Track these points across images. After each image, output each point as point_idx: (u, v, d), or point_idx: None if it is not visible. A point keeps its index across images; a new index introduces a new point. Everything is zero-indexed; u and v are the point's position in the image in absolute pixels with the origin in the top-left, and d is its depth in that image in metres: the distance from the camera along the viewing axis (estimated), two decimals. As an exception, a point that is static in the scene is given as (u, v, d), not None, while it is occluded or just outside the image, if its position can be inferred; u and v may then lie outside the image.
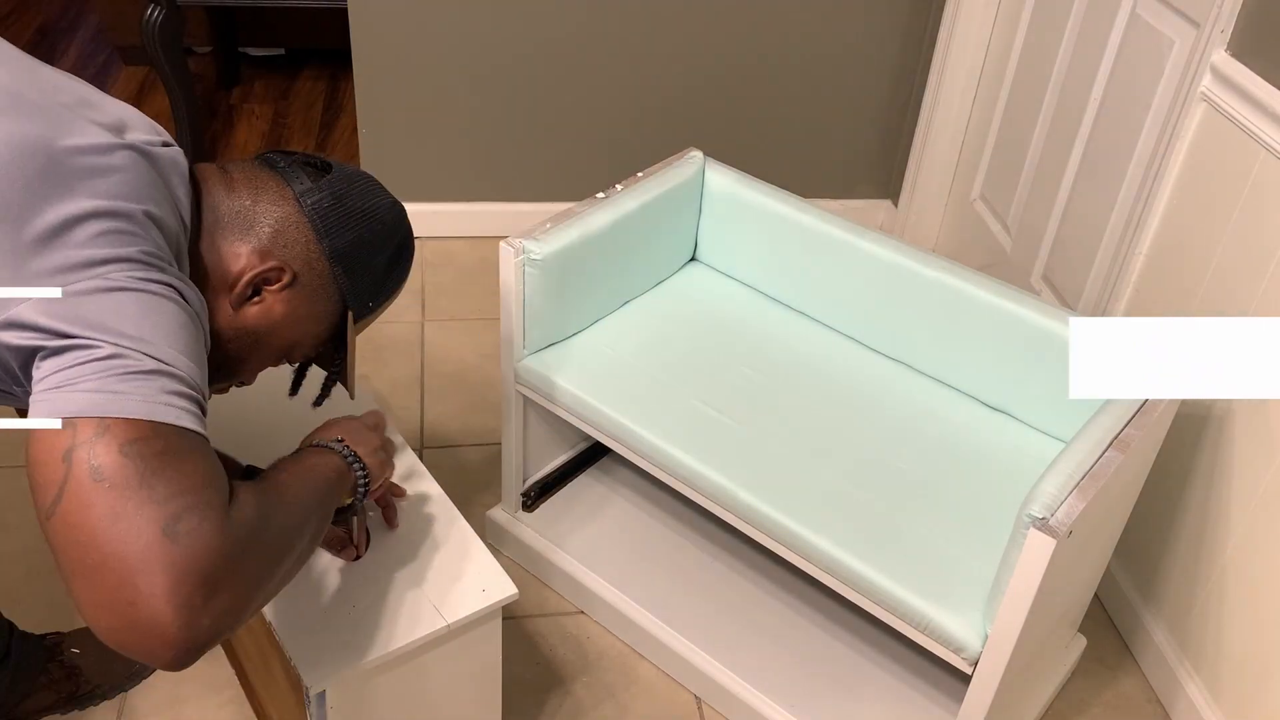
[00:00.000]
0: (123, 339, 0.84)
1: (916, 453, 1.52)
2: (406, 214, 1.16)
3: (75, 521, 0.80)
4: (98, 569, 0.80)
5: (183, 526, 0.81)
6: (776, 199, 1.73)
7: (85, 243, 0.86)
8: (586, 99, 2.53)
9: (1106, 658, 1.76)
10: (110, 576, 0.79)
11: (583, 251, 1.59)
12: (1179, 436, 1.64)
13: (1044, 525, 1.15)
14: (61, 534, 0.81)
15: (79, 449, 0.81)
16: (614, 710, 1.61)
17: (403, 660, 1.20)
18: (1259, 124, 1.48)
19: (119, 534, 0.80)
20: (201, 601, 0.81)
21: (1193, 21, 1.63)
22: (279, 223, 1.04)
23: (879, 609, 1.34)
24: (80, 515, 0.80)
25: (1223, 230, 1.56)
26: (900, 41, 2.56)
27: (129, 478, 0.81)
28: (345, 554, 1.26)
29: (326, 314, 1.10)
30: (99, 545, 0.80)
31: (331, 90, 3.37)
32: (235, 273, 1.02)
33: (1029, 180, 2.22)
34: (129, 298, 0.86)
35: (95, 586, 0.80)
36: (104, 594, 0.80)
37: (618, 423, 1.53)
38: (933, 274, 1.59)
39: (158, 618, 0.79)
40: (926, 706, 1.56)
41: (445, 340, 2.34)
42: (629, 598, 1.69)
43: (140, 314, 0.86)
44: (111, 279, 0.86)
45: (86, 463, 0.81)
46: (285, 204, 1.05)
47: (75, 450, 0.81)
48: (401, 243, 1.15)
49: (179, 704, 1.56)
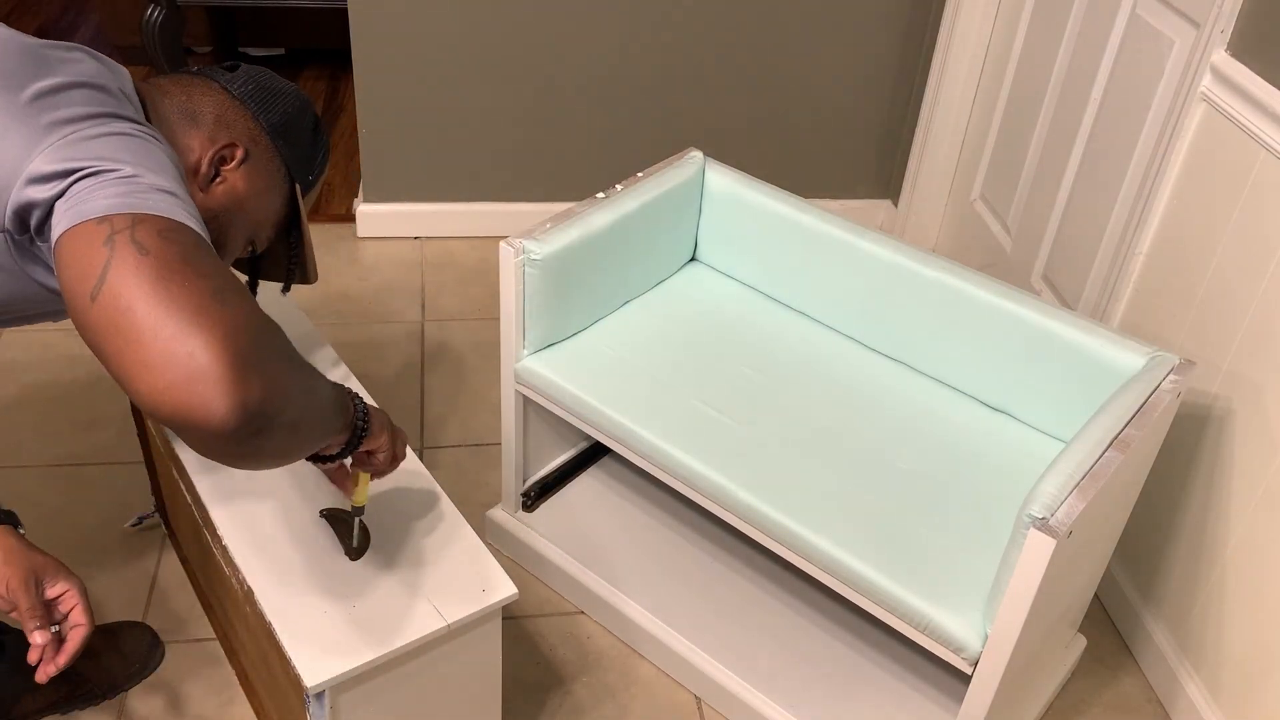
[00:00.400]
0: (138, 168, 0.93)
1: (916, 453, 1.52)
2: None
3: (125, 290, 0.84)
4: (153, 331, 0.82)
5: (228, 296, 0.87)
6: (776, 199, 1.73)
7: (80, 102, 0.97)
8: (587, 99, 2.53)
9: (1106, 658, 1.76)
10: (165, 334, 0.82)
11: (583, 251, 1.59)
12: (1179, 436, 1.64)
13: (1044, 525, 1.15)
14: (109, 309, 0.84)
15: (119, 234, 0.87)
16: (614, 710, 1.61)
17: (403, 660, 1.20)
18: (1259, 124, 1.48)
19: (172, 295, 0.84)
20: (254, 359, 0.84)
21: (1193, 21, 1.63)
22: (218, 109, 1.16)
23: (879, 609, 1.34)
24: (131, 285, 0.84)
25: (1223, 230, 1.56)
26: (900, 42, 2.56)
27: (171, 256, 0.87)
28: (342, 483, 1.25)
29: (279, 187, 1.22)
30: (152, 307, 0.83)
31: (331, 90, 3.37)
32: (195, 159, 1.13)
33: (1029, 180, 2.22)
34: (131, 140, 0.96)
35: (149, 348, 0.82)
36: (159, 353, 0.82)
37: (618, 423, 1.53)
38: (933, 274, 1.59)
39: (215, 367, 0.82)
40: (926, 706, 1.56)
41: (445, 340, 2.34)
42: (629, 598, 1.69)
43: (143, 153, 0.95)
44: (112, 126, 0.96)
45: (130, 242, 0.86)
46: (217, 94, 1.17)
47: (116, 235, 0.86)
48: (314, 114, 1.29)
49: (179, 704, 1.56)
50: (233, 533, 1.29)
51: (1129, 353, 1.44)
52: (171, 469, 1.50)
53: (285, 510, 1.32)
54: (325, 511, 1.30)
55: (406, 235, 2.67)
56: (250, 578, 1.24)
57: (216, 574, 1.44)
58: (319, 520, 1.31)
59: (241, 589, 1.27)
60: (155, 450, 1.64)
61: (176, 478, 1.48)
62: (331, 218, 2.72)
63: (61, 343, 2.22)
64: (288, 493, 1.34)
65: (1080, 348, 1.47)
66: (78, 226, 0.88)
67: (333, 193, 2.83)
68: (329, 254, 2.58)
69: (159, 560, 1.77)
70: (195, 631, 1.66)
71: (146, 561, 1.77)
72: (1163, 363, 1.41)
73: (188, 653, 1.63)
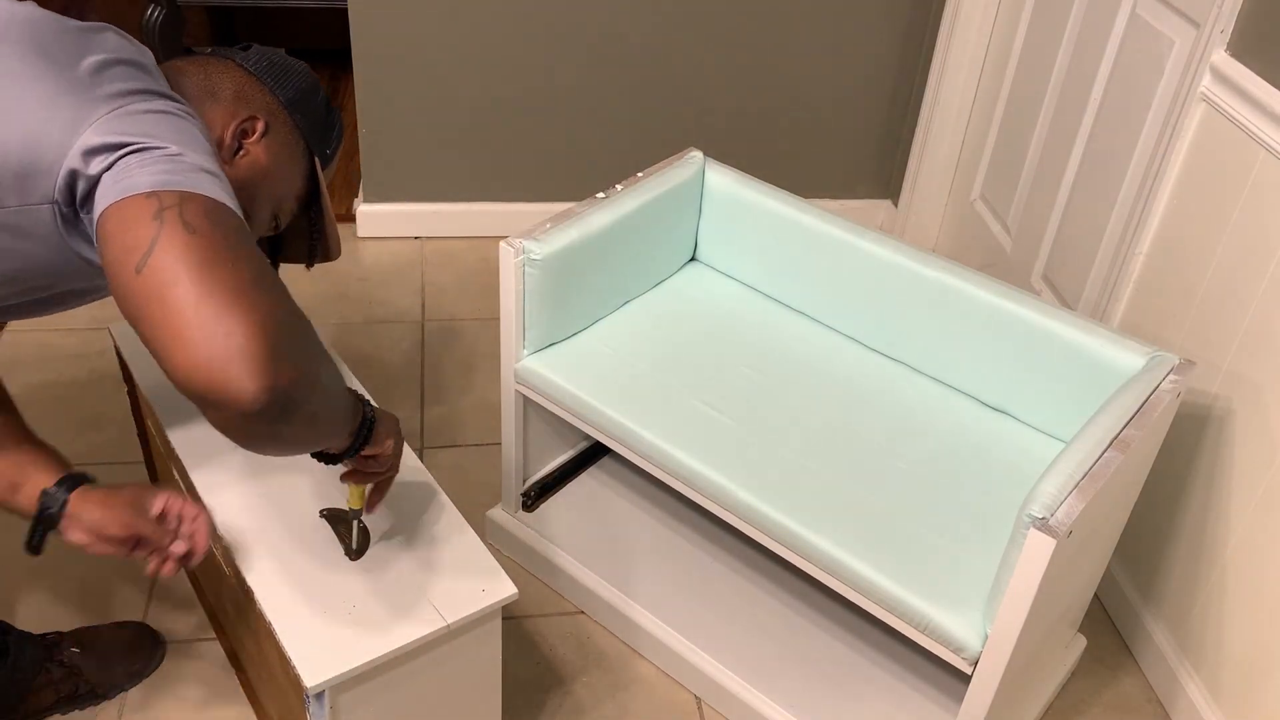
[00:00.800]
0: (182, 147, 0.95)
1: (916, 452, 1.52)
2: None
3: (171, 266, 0.87)
4: (193, 308, 0.85)
5: (267, 284, 0.90)
6: (776, 199, 1.73)
7: (124, 77, 1.00)
8: (587, 99, 2.53)
9: (1106, 658, 1.76)
10: (205, 312, 0.85)
11: (583, 251, 1.59)
12: (1179, 436, 1.64)
13: (1044, 525, 1.15)
14: (154, 282, 0.87)
15: (168, 210, 0.89)
16: (614, 710, 1.61)
17: (403, 660, 1.20)
18: (1259, 124, 1.48)
19: (216, 276, 0.87)
20: (286, 347, 0.88)
21: (1193, 21, 1.63)
22: (236, 85, 1.17)
23: (879, 609, 1.34)
24: (178, 261, 0.87)
25: (1223, 230, 1.56)
26: (900, 41, 2.56)
27: (217, 238, 0.90)
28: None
29: (299, 160, 1.23)
30: (197, 284, 0.86)
31: (331, 90, 3.37)
32: (218, 133, 1.13)
33: (1029, 180, 2.22)
34: (174, 120, 0.99)
35: (189, 324, 0.85)
36: (198, 329, 0.85)
37: (618, 423, 1.53)
38: (933, 274, 1.59)
39: (250, 349, 0.85)
40: (926, 706, 1.56)
41: (445, 340, 2.34)
42: (629, 597, 1.69)
43: (186, 132, 0.98)
44: (155, 104, 0.99)
45: (179, 219, 0.89)
46: (234, 71, 1.18)
47: (165, 211, 0.89)
48: (323, 90, 1.30)
49: (179, 704, 1.56)
50: (233, 532, 1.29)
51: (1129, 353, 1.44)
52: (171, 469, 1.50)
53: (285, 510, 1.32)
54: (325, 511, 1.30)
55: (406, 235, 2.67)
56: (250, 577, 1.24)
57: (216, 574, 1.44)
58: (319, 520, 1.31)
59: (241, 589, 1.27)
60: (155, 450, 1.64)
61: (177, 478, 1.48)
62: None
63: (61, 343, 2.22)
64: (288, 493, 1.34)
65: (1080, 348, 1.47)
66: (126, 200, 0.90)
67: (333, 193, 2.83)
68: (329, 254, 2.58)
69: (159, 560, 1.77)
70: (195, 631, 1.66)
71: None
72: (1163, 363, 1.41)
73: (188, 653, 1.63)
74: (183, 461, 1.39)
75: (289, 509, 1.32)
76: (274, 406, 0.87)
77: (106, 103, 0.96)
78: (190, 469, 1.37)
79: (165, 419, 1.44)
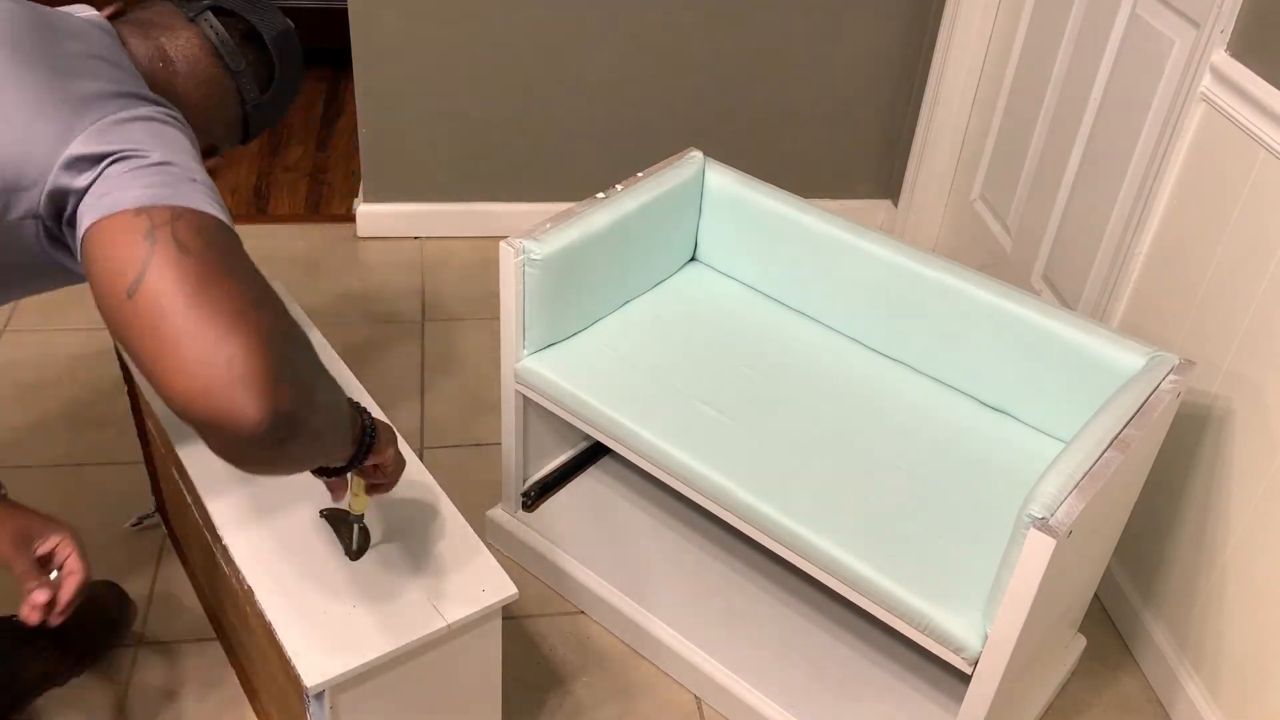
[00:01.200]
0: (167, 154, 0.92)
1: (916, 452, 1.52)
2: None
3: (166, 290, 0.83)
4: (191, 335, 0.82)
5: (265, 303, 0.87)
6: (776, 199, 1.73)
7: (101, 75, 0.97)
8: (587, 99, 2.53)
9: (1106, 658, 1.76)
10: (205, 339, 0.82)
11: (583, 251, 1.59)
12: (1179, 436, 1.64)
13: (1044, 525, 1.15)
14: (147, 308, 0.83)
15: (159, 229, 0.85)
16: (614, 710, 1.61)
17: (403, 660, 1.20)
18: (1259, 124, 1.48)
19: (213, 298, 0.84)
20: (287, 368, 0.85)
21: (1193, 21, 1.63)
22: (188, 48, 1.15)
23: (879, 609, 1.34)
24: (172, 285, 0.83)
25: (1223, 230, 1.56)
26: (900, 41, 2.56)
27: (212, 258, 0.86)
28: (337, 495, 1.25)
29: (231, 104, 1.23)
30: (194, 308, 0.83)
31: (331, 90, 3.37)
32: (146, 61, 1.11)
33: (1029, 180, 2.22)
34: (155, 127, 0.95)
35: (187, 352, 0.82)
36: (197, 357, 0.82)
37: (618, 423, 1.53)
38: (933, 274, 1.59)
39: (252, 375, 0.82)
40: (926, 706, 1.56)
41: (445, 340, 2.34)
42: (629, 598, 1.69)
43: (171, 139, 0.95)
44: (139, 110, 0.95)
45: (171, 239, 0.85)
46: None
47: (156, 230, 0.85)
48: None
49: (179, 704, 1.56)
50: (233, 532, 1.29)
51: (1129, 353, 1.44)
52: (172, 469, 1.50)
53: (285, 510, 1.32)
54: (325, 511, 1.30)
55: (406, 235, 2.67)
56: (250, 577, 1.24)
57: (217, 574, 1.44)
58: (319, 520, 1.31)
59: (241, 589, 1.27)
60: (155, 450, 1.64)
61: (176, 478, 1.48)
62: (331, 218, 2.72)
63: (61, 342, 2.22)
64: (288, 493, 1.34)
65: (1080, 348, 1.47)
66: (114, 217, 0.86)
67: (333, 193, 2.83)
68: (329, 254, 2.58)
69: (159, 560, 1.77)
70: (195, 631, 1.66)
71: (146, 561, 1.77)
72: (1163, 363, 1.41)
73: (188, 653, 1.63)
74: (183, 462, 1.39)
75: (289, 509, 1.32)
76: (277, 430, 0.84)
77: (89, 113, 0.93)
78: (190, 469, 1.37)
79: (165, 419, 1.44)
